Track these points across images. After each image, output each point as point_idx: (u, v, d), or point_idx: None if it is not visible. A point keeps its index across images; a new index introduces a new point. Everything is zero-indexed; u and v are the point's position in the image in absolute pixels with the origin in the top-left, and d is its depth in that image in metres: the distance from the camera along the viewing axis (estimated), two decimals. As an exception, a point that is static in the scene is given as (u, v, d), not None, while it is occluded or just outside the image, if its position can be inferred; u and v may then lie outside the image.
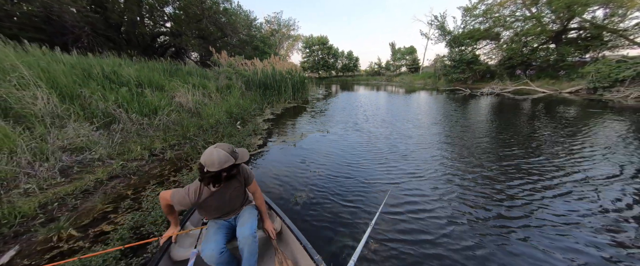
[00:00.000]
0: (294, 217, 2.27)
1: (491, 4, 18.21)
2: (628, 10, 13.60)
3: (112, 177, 3.12)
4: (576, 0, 13.46)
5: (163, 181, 3.16)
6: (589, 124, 6.06)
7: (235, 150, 1.36)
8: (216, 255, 1.38)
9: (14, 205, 2.23)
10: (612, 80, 10.59)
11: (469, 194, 2.77)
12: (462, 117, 7.86)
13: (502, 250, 1.90)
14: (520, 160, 3.76)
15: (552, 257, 1.82)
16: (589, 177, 3.09)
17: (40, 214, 2.26)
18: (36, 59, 4.78)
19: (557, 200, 2.58)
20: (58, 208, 2.39)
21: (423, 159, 3.93)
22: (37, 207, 2.31)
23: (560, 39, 16.46)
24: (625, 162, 3.54)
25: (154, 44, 16.35)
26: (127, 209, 2.49)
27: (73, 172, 3.04)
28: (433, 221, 2.26)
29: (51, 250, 1.92)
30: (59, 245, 1.97)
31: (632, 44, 14.00)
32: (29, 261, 1.81)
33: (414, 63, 37.77)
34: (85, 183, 2.81)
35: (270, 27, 35.08)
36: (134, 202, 2.62)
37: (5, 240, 1.96)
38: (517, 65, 17.64)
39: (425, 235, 2.07)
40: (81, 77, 5.20)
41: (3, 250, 1.87)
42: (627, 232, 2.06)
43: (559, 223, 2.20)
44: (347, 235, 2.09)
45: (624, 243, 1.94)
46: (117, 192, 2.83)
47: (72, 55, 6.33)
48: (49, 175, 2.79)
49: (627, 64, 10.52)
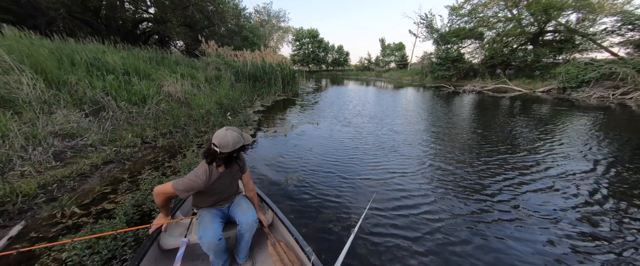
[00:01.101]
0: (284, 206, 2.43)
1: (476, 4, 18.88)
2: (597, 15, 14.64)
3: (106, 161, 3.20)
4: (553, 4, 14.30)
5: (158, 166, 3.28)
6: (560, 121, 6.66)
7: (242, 132, 1.44)
8: (215, 241, 1.41)
9: (13, 185, 2.31)
10: (579, 81, 11.49)
11: (450, 185, 2.99)
12: (446, 114, 8.34)
13: (482, 240, 2.00)
14: (500, 155, 3.97)
15: (530, 247, 1.94)
16: (562, 171, 3.32)
17: (41, 194, 2.36)
18: (17, 43, 4.62)
19: (533, 194, 2.73)
20: (57, 189, 2.49)
21: (409, 155, 4.05)
22: (36, 188, 2.40)
23: (537, 41, 17.43)
24: (595, 156, 3.90)
25: (136, 31, 15.65)
26: (126, 190, 2.63)
27: (67, 156, 3.10)
28: (420, 216, 2.35)
29: (56, 225, 2.05)
30: (63, 221, 2.10)
31: (599, 47, 15.11)
32: (36, 234, 1.94)
33: (402, 59, 38.44)
34: (81, 167, 2.89)
35: (260, 17, 34.38)
36: (132, 184, 2.75)
37: (10, 216, 2.07)
38: (498, 64, 18.55)
39: (411, 230, 2.15)
40: (65, 63, 5.08)
41: (10, 225, 1.98)
42: (598, 220, 2.25)
43: (536, 216, 2.33)
44: (335, 219, 2.30)
45: (595, 231, 2.13)
46: (113, 176, 2.93)
47: (54, 41, 6.10)
48: (43, 159, 2.85)
49: (593, 67, 11.44)
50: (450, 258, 1.85)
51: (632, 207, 2.49)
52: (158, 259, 1.56)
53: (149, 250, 1.44)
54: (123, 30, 13.68)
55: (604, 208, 2.49)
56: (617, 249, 1.94)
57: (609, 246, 1.97)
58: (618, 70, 10.41)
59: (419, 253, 1.90)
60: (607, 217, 2.33)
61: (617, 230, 2.15)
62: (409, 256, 1.86)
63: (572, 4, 15.06)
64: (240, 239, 1.57)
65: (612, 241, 2.02)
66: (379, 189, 2.86)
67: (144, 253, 1.40)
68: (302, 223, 2.24)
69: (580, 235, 2.11)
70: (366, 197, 2.68)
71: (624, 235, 2.09)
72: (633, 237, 2.06)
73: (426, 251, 1.92)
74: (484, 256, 1.88)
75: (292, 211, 2.44)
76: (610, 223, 2.25)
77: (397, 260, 1.84)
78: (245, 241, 1.57)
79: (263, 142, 4.86)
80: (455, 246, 1.98)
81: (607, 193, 2.76)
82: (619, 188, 2.88)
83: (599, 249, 1.94)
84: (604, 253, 1.91)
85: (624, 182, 3.03)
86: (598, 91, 10.77)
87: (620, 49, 14.50)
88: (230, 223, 1.69)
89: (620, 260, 1.84)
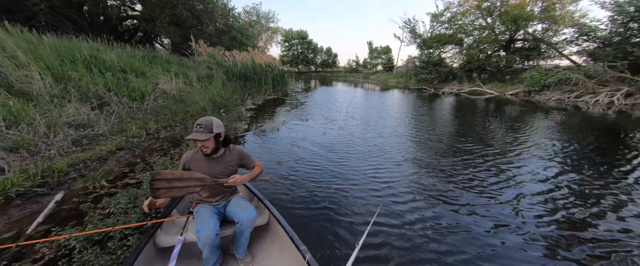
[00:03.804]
0: (280, 201, 2.58)
1: (455, 12, 20.25)
2: (559, 26, 16.28)
3: (119, 148, 3.62)
4: (520, 15, 15.75)
5: (165, 153, 3.74)
6: (527, 120, 7.62)
7: (216, 123, 1.59)
8: (213, 235, 1.43)
9: (49, 163, 2.72)
10: (541, 85, 12.83)
11: (431, 180, 3.22)
12: (427, 113, 9.18)
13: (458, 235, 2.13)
14: (473, 153, 4.25)
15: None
16: (530, 166, 3.68)
17: (72, 171, 2.78)
18: (23, 40, 4.88)
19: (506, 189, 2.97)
20: (83, 168, 2.91)
21: (396, 157, 4.04)
22: (67, 166, 2.81)
23: (509, 48, 18.99)
24: (555, 150, 4.47)
25: (120, 28, 15.42)
26: (142, 170, 3.09)
27: (83, 143, 3.49)
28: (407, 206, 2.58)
29: (91, 194, 2.50)
30: (96, 190, 2.56)
31: (561, 55, 16.76)
32: (77, 199, 2.39)
33: (389, 62, 39.83)
34: (99, 152, 3.31)
35: (249, 17, 34.46)
36: (146, 165, 3.21)
37: (51, 186, 2.50)
38: (474, 69, 19.97)
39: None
40: (66, 60, 5.35)
41: (52, 193, 2.42)
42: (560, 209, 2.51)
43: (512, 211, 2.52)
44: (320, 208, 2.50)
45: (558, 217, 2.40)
46: (127, 160, 3.37)
47: (49, 38, 6.29)
48: (64, 145, 3.24)
49: (553, 73, 12.81)
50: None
51: (585, 187, 3.02)
52: (154, 257, 1.56)
53: (144, 248, 1.44)
54: (106, 26, 13.47)
55: (565, 192, 2.93)
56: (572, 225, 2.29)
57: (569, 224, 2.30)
58: (572, 76, 11.78)
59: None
60: (566, 199, 2.77)
61: (577, 212, 2.50)
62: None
63: (538, 15, 16.64)
64: (239, 236, 1.60)
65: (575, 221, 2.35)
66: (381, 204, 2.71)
67: (140, 251, 1.40)
68: (290, 195, 2.81)
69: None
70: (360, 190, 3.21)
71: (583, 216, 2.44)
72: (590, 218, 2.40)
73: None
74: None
75: (282, 194, 2.82)
76: (565, 203, 2.66)
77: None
78: (244, 238, 1.61)
79: (256, 135, 5.37)
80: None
81: (567, 180, 3.24)
82: (577, 177, 3.32)
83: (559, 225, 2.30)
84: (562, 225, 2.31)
85: (582, 172, 3.48)
86: (556, 94, 12.11)
87: (579, 57, 16.21)
88: (225, 222, 1.72)
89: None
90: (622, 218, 2.42)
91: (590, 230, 2.25)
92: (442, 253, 1.93)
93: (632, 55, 10.70)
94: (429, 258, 1.88)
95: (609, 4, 11.92)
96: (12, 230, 1.91)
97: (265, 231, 1.89)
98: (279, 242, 1.75)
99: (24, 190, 2.33)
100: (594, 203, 2.70)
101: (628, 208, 2.60)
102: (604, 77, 11.55)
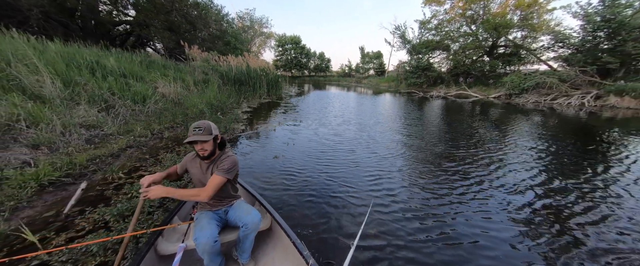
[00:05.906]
0: (278, 198, 2.67)
1: (441, 19, 21.27)
2: (537, 33, 17.38)
3: (128, 146, 3.95)
4: (501, 24, 16.77)
5: (171, 150, 4.08)
6: (509, 121, 8.27)
7: (207, 128, 1.55)
8: (211, 242, 1.41)
9: (70, 158, 3.04)
10: (521, 89, 13.69)
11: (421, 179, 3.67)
12: (416, 114, 9.74)
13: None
14: (461, 155, 4.45)
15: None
16: (515, 164, 3.89)
17: (90, 165, 3.10)
18: (33, 46, 5.14)
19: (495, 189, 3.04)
20: (100, 163, 3.24)
21: (388, 159, 4.21)
22: (86, 161, 3.14)
23: (492, 54, 20.04)
24: (536, 148, 4.88)
25: (112, 33, 15.46)
26: (152, 164, 3.43)
27: (95, 142, 3.80)
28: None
29: (110, 184, 2.84)
30: (115, 181, 2.89)
31: (539, 60, 17.84)
32: (101, 188, 2.72)
33: (380, 67, 40.86)
34: (111, 149, 3.63)
35: (242, 22, 34.87)
36: (156, 161, 3.55)
37: (74, 177, 2.82)
38: (461, 73, 20.92)
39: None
40: (72, 65, 5.63)
41: (77, 183, 2.74)
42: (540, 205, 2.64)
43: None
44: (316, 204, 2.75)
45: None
46: (137, 157, 3.70)
47: (54, 44, 6.53)
48: (79, 143, 3.55)
49: (531, 77, 13.72)
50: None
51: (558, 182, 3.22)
52: (155, 265, 1.54)
53: (145, 256, 1.43)
54: (99, 31, 13.51)
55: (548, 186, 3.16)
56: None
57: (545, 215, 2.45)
58: (547, 80, 12.67)
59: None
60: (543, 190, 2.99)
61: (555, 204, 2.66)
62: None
63: (517, 23, 17.73)
64: (244, 240, 1.58)
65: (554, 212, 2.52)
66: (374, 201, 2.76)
67: (141, 259, 1.38)
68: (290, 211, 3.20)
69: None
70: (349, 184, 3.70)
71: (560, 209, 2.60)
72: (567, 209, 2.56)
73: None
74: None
75: (279, 187, 3.37)
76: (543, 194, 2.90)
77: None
78: (249, 242, 1.59)
79: (252, 136, 5.75)
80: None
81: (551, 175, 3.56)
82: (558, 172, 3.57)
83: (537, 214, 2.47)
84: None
85: (562, 165, 3.82)
86: (534, 97, 12.97)
87: (556, 62, 17.31)
88: (227, 227, 1.71)
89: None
90: (597, 205, 2.61)
91: (569, 216, 2.41)
92: (434, 251, 1.96)
93: (601, 60, 11.66)
94: (421, 255, 1.91)
95: (579, 14, 12.96)
96: (51, 211, 2.24)
97: (268, 236, 1.88)
98: (281, 247, 1.74)
99: (54, 179, 2.65)
100: (574, 197, 2.81)
101: (605, 201, 2.73)
102: (576, 81, 12.48)
